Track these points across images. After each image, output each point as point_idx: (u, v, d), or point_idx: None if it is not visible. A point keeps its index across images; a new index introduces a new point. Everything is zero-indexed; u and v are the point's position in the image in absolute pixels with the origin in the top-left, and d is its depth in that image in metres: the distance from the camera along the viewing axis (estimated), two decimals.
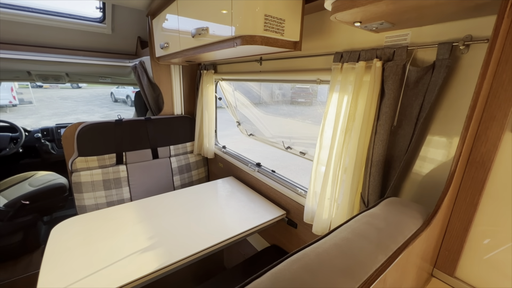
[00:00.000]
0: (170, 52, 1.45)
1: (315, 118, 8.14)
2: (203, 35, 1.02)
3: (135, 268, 0.93)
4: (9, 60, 1.83)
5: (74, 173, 1.64)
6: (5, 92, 9.25)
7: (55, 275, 0.89)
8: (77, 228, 1.17)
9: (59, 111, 10.07)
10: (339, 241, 0.48)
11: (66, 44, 2.10)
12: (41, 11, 1.83)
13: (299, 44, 0.92)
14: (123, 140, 1.77)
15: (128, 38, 2.25)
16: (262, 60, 1.40)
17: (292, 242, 1.38)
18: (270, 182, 1.48)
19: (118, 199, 1.77)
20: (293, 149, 1.64)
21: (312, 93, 10.69)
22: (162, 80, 1.95)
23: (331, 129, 0.96)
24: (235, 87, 2.11)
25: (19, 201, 1.81)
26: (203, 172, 2.19)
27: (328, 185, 0.99)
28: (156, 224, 1.22)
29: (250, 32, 0.81)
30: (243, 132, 2.19)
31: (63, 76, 2.24)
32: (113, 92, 12.78)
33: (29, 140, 2.43)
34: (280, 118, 7.45)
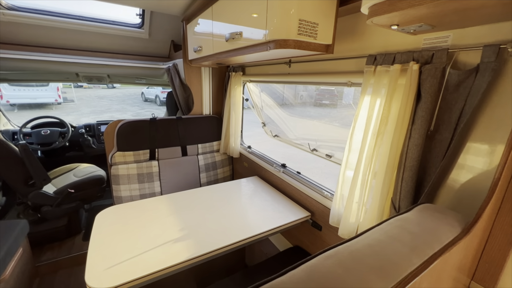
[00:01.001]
0: (202, 55, 1.52)
1: (341, 121, 7.92)
2: (236, 39, 1.07)
3: (167, 257, 1.00)
4: (62, 63, 2.06)
5: (113, 166, 1.79)
6: (51, 92, 10.21)
7: (100, 256, 0.99)
8: (117, 216, 1.28)
9: (96, 109, 10.93)
10: (371, 241, 0.48)
11: (108, 48, 2.30)
12: (90, 19, 2.02)
13: (331, 47, 0.92)
14: (156, 137, 1.89)
15: (162, 42, 2.40)
16: (291, 62, 1.42)
17: (316, 244, 1.38)
18: (295, 183, 1.50)
19: (150, 192, 1.89)
20: (319, 152, 1.63)
21: (337, 95, 10.41)
22: (193, 82, 2.05)
23: (362, 132, 0.96)
24: (261, 89, 2.15)
25: (66, 189, 2.02)
26: (228, 171, 2.26)
27: (356, 189, 0.98)
28: (185, 218, 1.29)
29: (283, 36, 0.84)
30: (268, 133, 2.22)
31: (105, 77, 2.45)
32: (143, 92, 13.55)
33: (74, 135, 2.69)
34: (304, 120, 7.38)
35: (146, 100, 13.42)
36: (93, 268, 0.92)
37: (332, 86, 1.42)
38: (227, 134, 2.12)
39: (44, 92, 9.94)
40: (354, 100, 10.82)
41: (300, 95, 10.58)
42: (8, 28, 1.86)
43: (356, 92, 6.87)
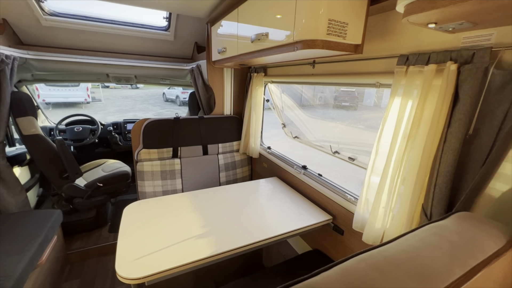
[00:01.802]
0: (226, 56, 1.55)
1: (362, 123, 7.68)
2: (262, 40, 1.08)
3: (189, 253, 1.03)
4: (95, 64, 2.19)
5: (139, 163, 1.87)
6: (82, 91, 10.88)
7: (128, 248, 1.04)
8: (143, 210, 1.34)
9: (121, 108, 11.49)
10: (406, 248, 0.46)
11: (136, 50, 2.41)
12: (121, 23, 2.14)
13: (360, 47, 0.90)
14: (179, 136, 1.95)
15: (186, 43, 2.48)
16: (315, 63, 1.41)
17: (337, 249, 1.35)
18: (316, 186, 1.47)
19: (171, 189, 1.95)
20: (341, 154, 1.60)
21: (357, 96, 10.10)
22: (215, 82, 2.10)
23: (391, 135, 0.92)
24: (282, 90, 2.15)
25: (95, 183, 2.15)
26: (247, 171, 2.27)
27: (383, 193, 0.95)
28: (206, 215, 1.32)
29: (312, 37, 0.83)
30: (288, 134, 2.21)
31: (132, 78, 2.57)
32: (165, 93, 14.04)
33: (103, 132, 2.85)
34: (324, 122, 7.24)
35: (167, 100, 13.89)
36: (122, 259, 0.97)
37: (359, 87, 1.38)
38: (247, 134, 2.14)
39: (75, 91, 10.63)
40: (375, 102, 10.44)
41: (319, 96, 10.39)
42: (49, 32, 2.02)
43: (378, 94, 6.68)
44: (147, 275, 0.90)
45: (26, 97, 1.82)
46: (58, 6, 1.94)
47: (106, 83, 2.72)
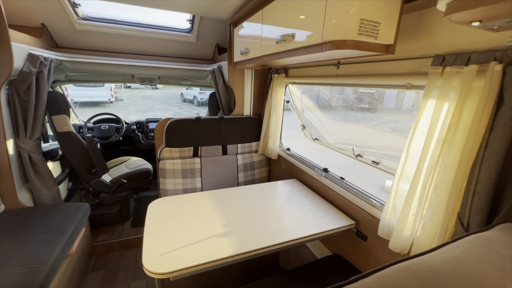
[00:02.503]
0: (249, 57, 1.56)
1: (383, 126, 7.43)
2: (288, 41, 1.07)
3: (211, 252, 1.04)
4: (122, 66, 2.29)
5: (161, 161, 1.93)
6: (106, 91, 11.44)
7: (154, 243, 1.07)
8: (166, 207, 1.38)
9: (141, 107, 11.93)
10: (451, 259, 0.44)
11: (160, 52, 2.50)
12: (147, 26, 2.22)
13: (392, 47, 0.87)
14: (200, 135, 1.99)
15: (208, 45, 2.52)
16: (340, 63, 1.38)
17: (359, 255, 1.31)
18: (338, 189, 1.44)
19: (191, 187, 1.99)
20: (364, 158, 1.55)
21: (377, 98, 9.78)
22: (236, 83, 2.12)
23: (423, 140, 0.88)
24: (303, 91, 2.12)
25: (120, 179, 2.24)
26: (265, 172, 2.27)
27: (414, 200, 0.91)
28: (226, 215, 1.33)
29: (342, 37, 0.82)
30: (308, 136, 2.18)
31: (155, 79, 2.66)
32: (183, 93, 14.40)
33: (127, 131, 2.97)
34: (342, 124, 7.07)
35: (184, 100, 14.23)
36: (149, 254, 1.00)
37: (382, 88, 1.33)
38: (266, 135, 2.14)
39: (100, 91, 11.20)
40: (396, 104, 10.04)
41: (336, 98, 10.16)
42: (81, 36, 2.14)
43: (399, 96, 6.43)
44: (173, 271, 0.92)
45: (61, 96, 1.95)
46: (90, 10, 2.05)
47: (128, 84, 2.84)
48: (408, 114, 8.84)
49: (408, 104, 9.34)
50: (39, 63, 1.67)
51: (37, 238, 1.39)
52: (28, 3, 1.77)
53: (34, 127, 1.72)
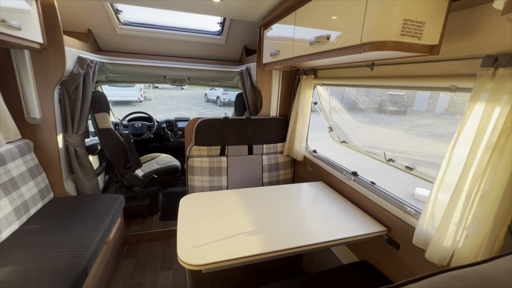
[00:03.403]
0: (279, 59, 1.57)
1: (413, 130, 7.04)
2: (322, 43, 1.07)
3: (239, 248, 1.06)
4: (156, 67, 2.42)
5: (190, 159, 2.01)
6: (136, 91, 12.12)
7: (187, 236, 1.13)
8: (196, 202, 1.44)
9: (168, 107, 12.47)
10: (508, 271, 0.41)
11: (191, 54, 2.60)
12: (179, 29, 2.33)
13: (437, 47, 0.83)
14: (227, 135, 2.04)
15: (236, 47, 2.58)
16: (374, 65, 1.34)
17: (390, 263, 1.26)
18: (368, 194, 1.40)
19: (217, 185, 2.05)
20: (396, 163, 1.49)
21: (407, 100, 9.26)
22: (264, 84, 2.14)
23: (468, 146, 0.83)
24: (331, 93, 2.09)
25: (151, 174, 2.37)
26: (289, 173, 2.26)
27: (456, 209, 0.86)
28: (253, 214, 1.35)
29: (382, 38, 0.80)
30: (335, 138, 2.14)
31: (185, 80, 2.78)
32: (206, 93, 14.81)
33: (157, 128, 3.14)
34: (369, 126, 6.80)
35: (208, 100, 14.62)
36: (183, 246, 1.05)
37: (428, 91, 1.26)
38: (292, 136, 2.13)
39: (131, 91, 11.89)
40: (428, 107, 9.43)
41: (362, 99, 9.78)
42: (121, 40, 2.30)
43: (432, 98, 6.00)
44: (205, 263, 0.96)
45: (103, 96, 2.11)
46: (130, 16, 2.21)
47: (158, 84, 3.00)
48: (441, 118, 8.27)
49: (441, 107, 8.73)
50: (86, 65, 1.83)
51: (80, 225, 1.52)
52: (77, 11, 1.95)
53: (80, 123, 1.89)
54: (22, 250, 1.28)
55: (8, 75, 1.56)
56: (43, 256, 1.25)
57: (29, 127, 1.69)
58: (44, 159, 1.76)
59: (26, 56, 1.55)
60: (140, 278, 1.86)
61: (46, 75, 1.63)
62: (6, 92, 1.57)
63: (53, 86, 1.67)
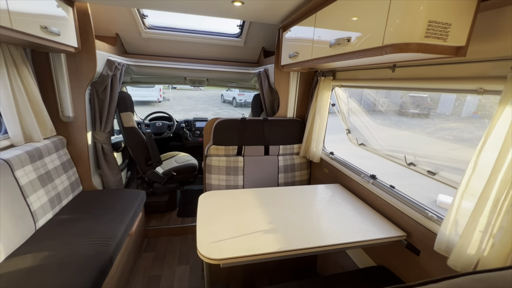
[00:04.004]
0: (298, 61, 1.58)
1: (436, 133, 6.74)
2: (343, 45, 1.07)
3: (255, 246, 1.09)
4: (177, 69, 2.52)
5: (208, 157, 2.07)
6: (155, 92, 12.57)
7: (206, 231, 1.17)
8: (215, 200, 1.48)
9: (185, 107, 12.81)
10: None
11: (210, 56, 2.67)
12: (200, 32, 2.41)
13: (463, 49, 0.81)
14: (244, 135, 2.08)
15: (254, 48, 2.62)
16: (396, 66, 1.31)
17: (409, 270, 1.23)
18: (387, 197, 1.37)
19: (234, 184, 2.09)
20: (417, 167, 1.44)
21: (430, 103, 8.85)
22: (281, 86, 2.16)
23: (496, 151, 0.80)
24: (350, 94, 2.06)
25: (170, 172, 2.47)
26: (305, 175, 2.26)
27: (482, 216, 0.83)
28: (269, 213, 1.37)
29: (405, 40, 0.79)
30: (353, 141, 2.11)
31: (204, 81, 2.86)
32: (223, 94, 15.03)
33: (176, 128, 3.25)
34: (389, 129, 6.58)
35: (224, 101, 14.84)
36: (202, 240, 1.09)
37: (453, 93, 1.22)
38: (309, 138, 2.13)
39: (150, 92, 12.35)
40: (454, 109, 8.95)
41: (382, 101, 9.48)
42: (146, 43, 2.42)
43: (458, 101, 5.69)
44: (223, 258, 1.00)
45: (128, 96, 2.23)
46: (154, 20, 2.32)
47: (175, 85, 3.12)
48: (467, 121, 7.81)
49: (468, 110, 8.25)
50: (114, 68, 1.94)
51: (106, 216, 1.62)
52: (107, 17, 2.08)
53: (107, 121, 2.01)
54: (55, 237, 1.39)
55: (47, 77, 1.70)
56: (74, 244, 1.35)
57: (63, 124, 1.83)
58: (75, 155, 1.89)
59: (62, 59, 1.69)
60: (159, 271, 1.94)
61: (79, 76, 1.76)
62: (44, 93, 1.71)
63: (85, 87, 1.80)
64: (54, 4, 1.38)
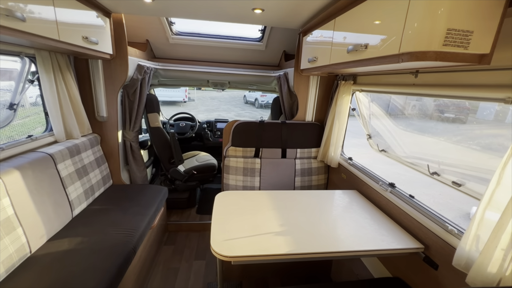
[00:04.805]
0: (317, 65, 1.59)
1: (474, 141, 6.21)
2: (360, 51, 1.07)
3: (268, 246, 1.12)
4: (200, 72, 2.64)
5: (226, 158, 2.14)
6: (181, 92, 13.10)
7: (220, 229, 1.23)
8: (230, 200, 1.54)
9: (209, 107, 13.19)
10: None
11: (232, 60, 2.76)
12: (223, 37, 2.50)
13: (487, 57, 0.77)
14: (262, 138, 2.12)
15: (275, 52, 2.65)
16: (419, 72, 1.27)
17: (426, 284, 1.17)
18: (405, 207, 1.33)
19: (250, 185, 2.14)
20: (441, 177, 1.37)
21: (469, 107, 8.17)
22: (300, 89, 2.16)
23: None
24: (371, 99, 2.01)
25: (191, 170, 2.59)
26: (323, 179, 2.24)
27: (505, 233, 0.78)
28: (283, 215, 1.40)
29: (422, 48, 0.77)
30: (373, 146, 2.05)
31: (226, 83, 2.95)
32: (245, 95, 15.23)
33: (198, 128, 3.39)
34: (418, 135, 6.21)
35: (246, 102, 15.01)
36: (216, 237, 1.15)
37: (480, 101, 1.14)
38: (327, 142, 2.11)
39: (177, 92, 12.91)
40: (496, 116, 8.16)
41: (412, 105, 8.93)
42: (172, 48, 2.57)
43: (501, 106, 5.19)
44: (235, 256, 1.05)
45: (155, 98, 2.39)
46: (181, 27, 2.45)
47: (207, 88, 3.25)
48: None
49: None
50: (143, 72, 2.10)
51: (132, 209, 1.76)
52: (139, 24, 2.26)
53: (136, 121, 2.18)
54: (88, 225, 1.55)
55: (86, 81, 1.90)
56: (103, 233, 1.49)
57: (97, 123, 2.02)
58: (107, 151, 2.08)
59: (99, 65, 1.87)
60: (177, 264, 2.06)
61: (112, 80, 1.93)
62: (83, 95, 1.90)
63: (117, 90, 1.97)
64: (94, 15, 1.54)
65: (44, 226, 1.37)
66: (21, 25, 0.99)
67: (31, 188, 1.33)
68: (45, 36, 1.13)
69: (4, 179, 1.19)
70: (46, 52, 1.52)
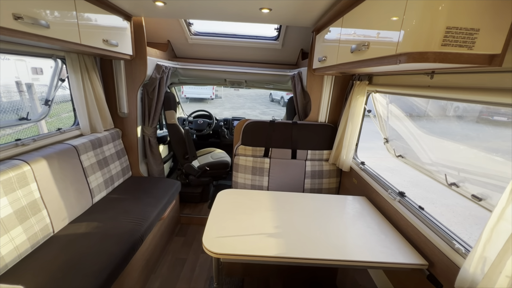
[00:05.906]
0: (326, 65, 1.53)
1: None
2: (362, 51, 1.01)
3: (264, 246, 1.12)
4: (218, 71, 2.70)
5: (236, 157, 2.17)
6: (209, 90, 13.48)
7: (215, 225, 1.27)
8: (232, 198, 1.57)
9: (234, 105, 13.41)
10: None
11: (248, 58, 2.77)
12: (239, 36, 2.52)
13: (498, 57, 0.68)
14: (272, 137, 2.11)
15: (292, 50, 2.61)
16: (435, 73, 1.15)
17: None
18: (412, 219, 1.23)
19: (258, 184, 2.15)
20: (461, 188, 1.24)
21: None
22: (314, 89, 2.10)
23: None
24: (390, 100, 1.87)
25: (204, 166, 2.69)
26: (334, 183, 2.16)
27: (511, 259, 0.69)
28: (284, 218, 1.38)
29: (420, 49, 0.71)
30: (390, 151, 1.92)
31: (243, 82, 2.98)
32: (271, 93, 15.17)
33: (216, 126, 3.48)
34: (450, 141, 5.62)
35: (272, 100, 14.96)
36: (209, 233, 1.19)
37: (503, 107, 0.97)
38: (340, 145, 2.02)
39: (205, 90, 13.32)
40: None
41: (455, 106, 8.10)
42: (191, 48, 2.66)
43: None
44: (224, 253, 1.07)
45: (172, 96, 2.52)
46: (199, 27, 2.53)
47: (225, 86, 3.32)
48: None
49: None
50: (161, 71, 2.22)
51: (145, 200, 1.88)
52: (161, 26, 2.38)
53: (154, 118, 2.31)
54: (105, 212, 1.70)
55: (110, 80, 2.07)
56: (117, 220, 1.62)
57: (119, 119, 2.19)
58: (127, 145, 2.25)
59: (122, 65, 2.02)
60: (185, 255, 2.16)
61: (133, 79, 2.07)
62: (107, 93, 2.08)
63: (137, 88, 2.11)
64: (115, 19, 1.67)
65: (66, 210, 1.54)
66: (45, 31, 1.11)
67: (56, 176, 1.50)
68: (68, 41, 1.26)
69: (33, 166, 1.36)
70: (74, 54, 1.68)
